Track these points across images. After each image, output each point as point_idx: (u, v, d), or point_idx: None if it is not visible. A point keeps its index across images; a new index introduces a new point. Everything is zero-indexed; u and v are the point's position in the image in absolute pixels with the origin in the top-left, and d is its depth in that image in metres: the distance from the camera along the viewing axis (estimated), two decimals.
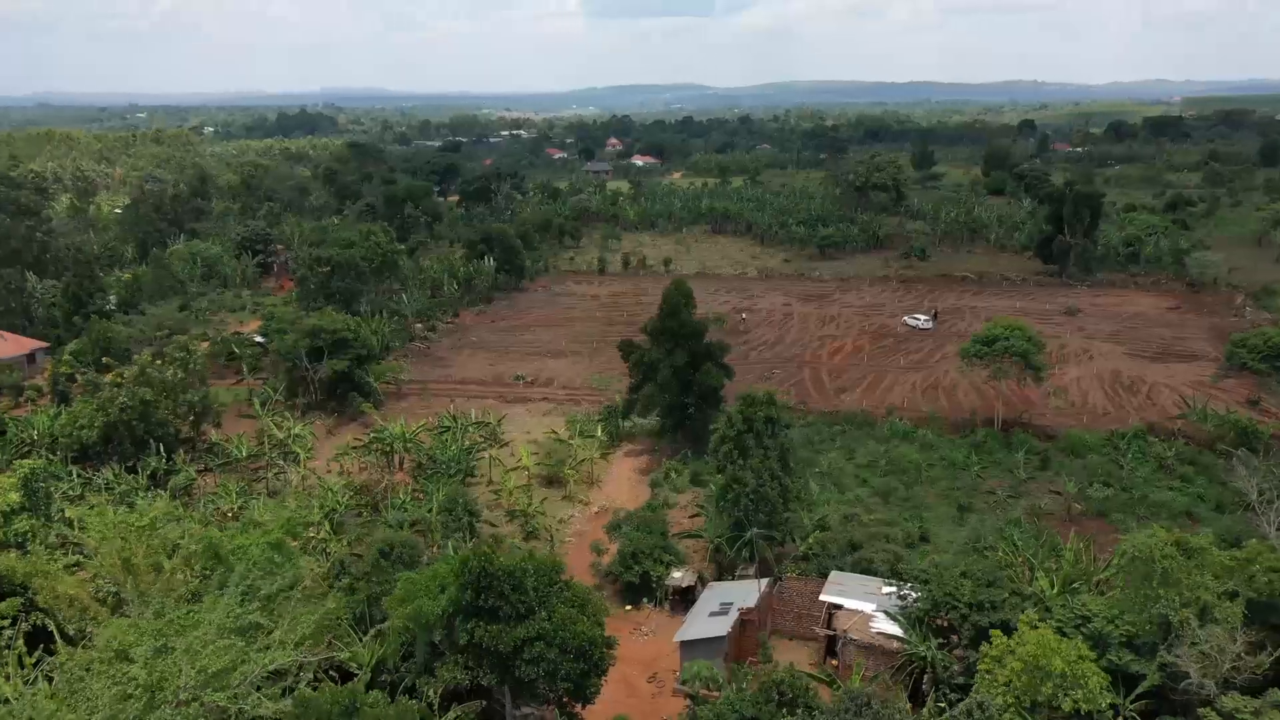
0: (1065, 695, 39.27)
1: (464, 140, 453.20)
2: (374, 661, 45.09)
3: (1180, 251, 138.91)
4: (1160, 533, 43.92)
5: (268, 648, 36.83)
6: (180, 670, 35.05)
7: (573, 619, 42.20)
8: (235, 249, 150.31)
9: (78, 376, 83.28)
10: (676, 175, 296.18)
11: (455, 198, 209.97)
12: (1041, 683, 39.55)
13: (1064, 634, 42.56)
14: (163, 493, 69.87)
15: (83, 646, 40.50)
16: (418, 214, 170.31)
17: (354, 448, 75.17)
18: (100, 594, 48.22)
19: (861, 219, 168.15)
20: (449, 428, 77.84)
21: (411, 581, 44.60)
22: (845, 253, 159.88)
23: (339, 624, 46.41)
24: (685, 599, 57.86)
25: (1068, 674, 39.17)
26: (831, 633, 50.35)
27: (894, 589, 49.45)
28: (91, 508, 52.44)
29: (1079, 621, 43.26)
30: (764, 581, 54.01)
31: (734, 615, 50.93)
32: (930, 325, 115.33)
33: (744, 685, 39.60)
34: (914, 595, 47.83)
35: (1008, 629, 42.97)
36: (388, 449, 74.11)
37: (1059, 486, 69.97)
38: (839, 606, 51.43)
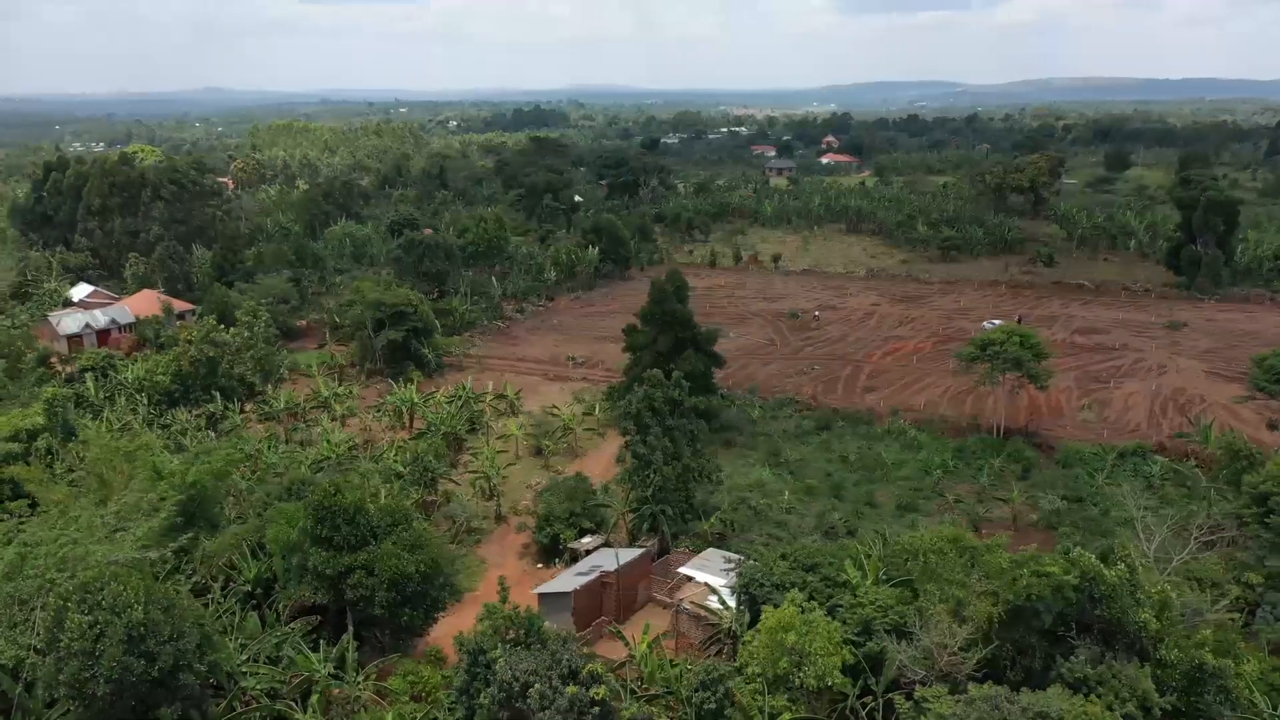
0: (799, 670, 41.26)
1: (682, 136, 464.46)
2: (256, 576, 52.97)
3: None
4: (947, 530, 44.37)
5: (114, 544, 45.12)
6: (41, 555, 44.07)
7: (394, 555, 48.05)
8: (385, 232, 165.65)
9: (161, 333, 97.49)
10: (866, 174, 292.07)
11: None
12: (780, 657, 41.65)
13: (845, 621, 44.21)
14: (212, 433, 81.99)
15: None
16: (556, 204, 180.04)
17: (370, 408, 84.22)
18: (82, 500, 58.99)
19: (991, 221, 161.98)
20: (457, 396, 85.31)
21: (281, 511, 52.06)
22: (968, 255, 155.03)
23: (240, 544, 54.59)
24: None
25: (801, 649, 41.10)
26: (668, 600, 53.48)
27: (730, 566, 51.97)
28: (87, 430, 63.41)
29: (855, 607, 44.60)
30: (637, 551, 57.60)
31: (592, 577, 54.97)
32: None
33: (491, 622, 43.84)
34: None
35: None
36: (398, 410, 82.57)
37: (1026, 496, 68.40)
38: (691, 579, 54.42)
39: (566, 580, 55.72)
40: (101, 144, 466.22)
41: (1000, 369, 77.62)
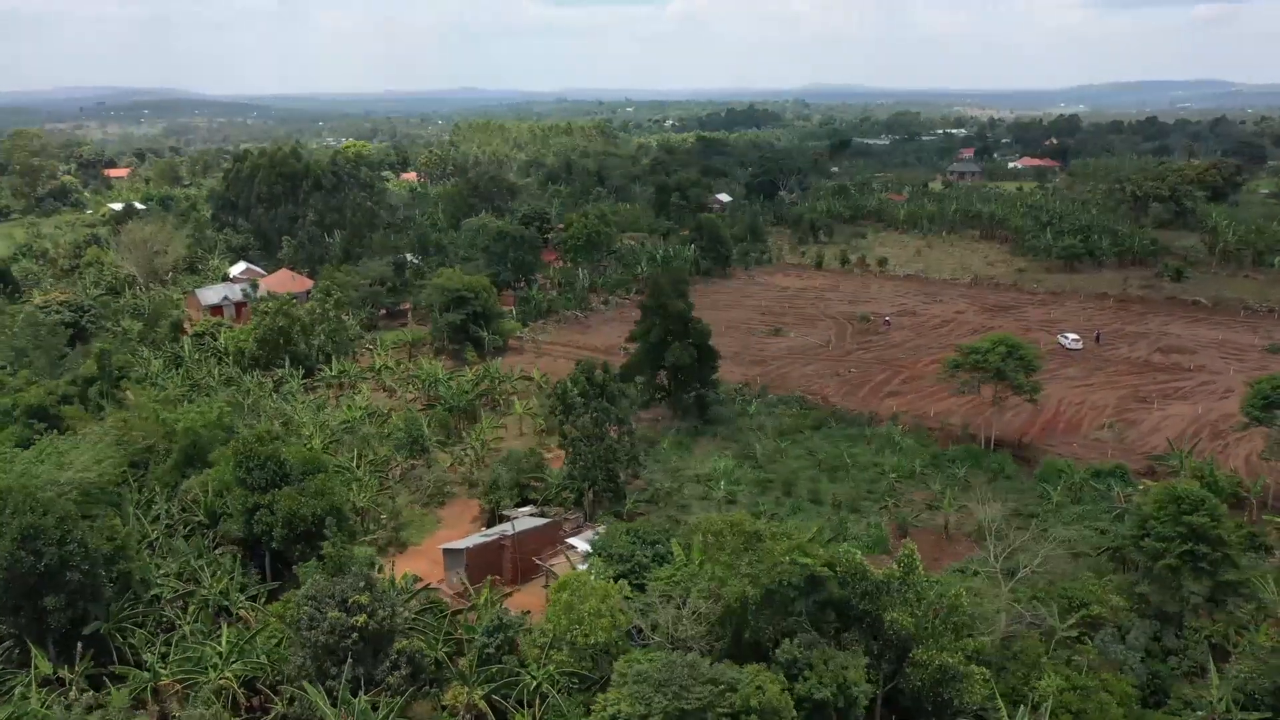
0: (574, 629, 45.28)
1: (894, 138, 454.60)
2: (206, 509, 61.94)
3: None
4: (735, 515, 46.90)
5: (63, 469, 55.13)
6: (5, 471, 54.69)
7: (290, 498, 55.54)
8: (519, 224, 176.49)
9: (252, 304, 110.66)
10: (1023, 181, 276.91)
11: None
12: (561, 615, 45.82)
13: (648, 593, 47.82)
14: (276, 393, 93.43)
15: None
16: (683, 203, 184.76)
17: (399, 380, 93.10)
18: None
19: (1123, 231, 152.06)
20: (483, 375, 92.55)
21: (222, 454, 60.86)
22: (1091, 266, 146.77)
23: (207, 484, 63.89)
24: None
25: (574, 607, 45.13)
26: (542, 564, 58.23)
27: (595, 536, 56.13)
28: (128, 380, 75.24)
29: (656, 580, 47.96)
30: (542, 521, 62.60)
31: (490, 539, 60.54)
32: (1079, 346, 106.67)
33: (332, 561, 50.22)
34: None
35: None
36: (422, 383, 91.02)
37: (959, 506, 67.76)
38: (575, 547, 58.93)
39: (470, 540, 61.52)
40: (349, 139, 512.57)
41: (986, 378, 76.24)
